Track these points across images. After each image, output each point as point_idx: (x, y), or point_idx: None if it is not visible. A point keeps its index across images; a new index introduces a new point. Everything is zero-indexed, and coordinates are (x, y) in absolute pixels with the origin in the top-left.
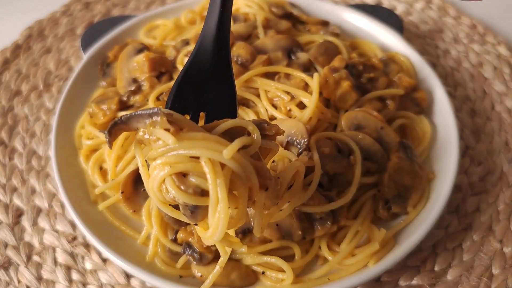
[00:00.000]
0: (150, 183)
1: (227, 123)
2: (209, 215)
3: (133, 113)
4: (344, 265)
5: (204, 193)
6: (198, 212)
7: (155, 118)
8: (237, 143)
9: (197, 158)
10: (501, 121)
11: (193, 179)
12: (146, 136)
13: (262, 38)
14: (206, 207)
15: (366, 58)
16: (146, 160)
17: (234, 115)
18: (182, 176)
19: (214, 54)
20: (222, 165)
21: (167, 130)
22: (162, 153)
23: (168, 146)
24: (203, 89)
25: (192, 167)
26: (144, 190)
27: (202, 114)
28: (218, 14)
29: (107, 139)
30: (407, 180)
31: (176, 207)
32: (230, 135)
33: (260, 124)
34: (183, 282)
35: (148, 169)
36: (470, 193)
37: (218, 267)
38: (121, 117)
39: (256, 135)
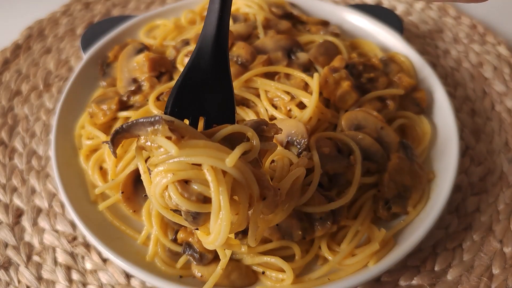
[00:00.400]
0: (152, 189)
1: (226, 129)
2: (211, 222)
3: (135, 121)
4: (344, 265)
5: (206, 200)
6: (200, 217)
7: (156, 126)
8: (239, 151)
9: (199, 165)
10: (501, 121)
11: (195, 187)
12: (148, 144)
13: (262, 38)
14: (208, 212)
15: (366, 58)
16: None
17: (232, 118)
18: (185, 183)
19: (213, 57)
20: (224, 172)
21: (169, 138)
22: (164, 160)
23: (170, 154)
24: (202, 93)
25: (195, 174)
26: (145, 195)
27: (201, 117)
28: (217, 17)
29: (111, 149)
30: (407, 180)
31: (176, 211)
32: (229, 141)
33: (259, 126)
34: (183, 282)
35: (150, 175)
36: (470, 193)
37: (219, 268)
38: (122, 125)
39: (255, 141)
